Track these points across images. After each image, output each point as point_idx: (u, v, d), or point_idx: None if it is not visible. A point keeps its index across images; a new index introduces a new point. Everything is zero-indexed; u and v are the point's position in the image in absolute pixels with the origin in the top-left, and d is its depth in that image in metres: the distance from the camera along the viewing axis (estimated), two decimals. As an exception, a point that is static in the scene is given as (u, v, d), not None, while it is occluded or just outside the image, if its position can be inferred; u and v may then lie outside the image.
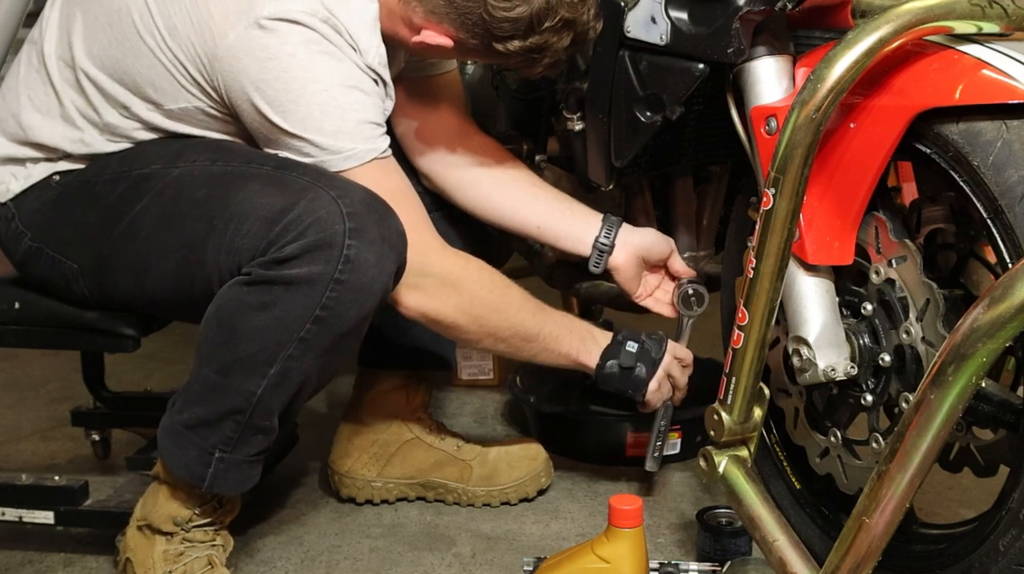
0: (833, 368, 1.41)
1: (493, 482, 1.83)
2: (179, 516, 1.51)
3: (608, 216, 1.75)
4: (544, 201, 1.76)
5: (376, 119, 1.51)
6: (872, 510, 1.17)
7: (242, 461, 1.47)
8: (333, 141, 1.47)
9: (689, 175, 1.90)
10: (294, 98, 1.45)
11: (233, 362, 1.42)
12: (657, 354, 1.70)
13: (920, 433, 1.12)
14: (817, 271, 1.42)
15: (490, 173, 1.76)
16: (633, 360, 1.67)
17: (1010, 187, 1.24)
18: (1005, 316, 1.04)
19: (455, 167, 1.77)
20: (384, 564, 1.68)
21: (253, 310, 1.39)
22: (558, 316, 1.66)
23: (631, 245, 1.73)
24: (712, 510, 1.64)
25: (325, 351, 1.42)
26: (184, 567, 1.50)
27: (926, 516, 1.54)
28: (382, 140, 1.52)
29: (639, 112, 1.60)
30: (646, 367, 1.68)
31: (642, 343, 1.69)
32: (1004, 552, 1.28)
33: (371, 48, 1.51)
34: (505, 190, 1.76)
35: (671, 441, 1.99)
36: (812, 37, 1.46)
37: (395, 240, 1.43)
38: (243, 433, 1.45)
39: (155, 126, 1.54)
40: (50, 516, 1.65)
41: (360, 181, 1.46)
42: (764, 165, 1.36)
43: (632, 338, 1.69)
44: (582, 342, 1.66)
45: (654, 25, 1.54)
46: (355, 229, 1.38)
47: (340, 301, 1.39)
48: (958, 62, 1.27)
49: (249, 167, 1.47)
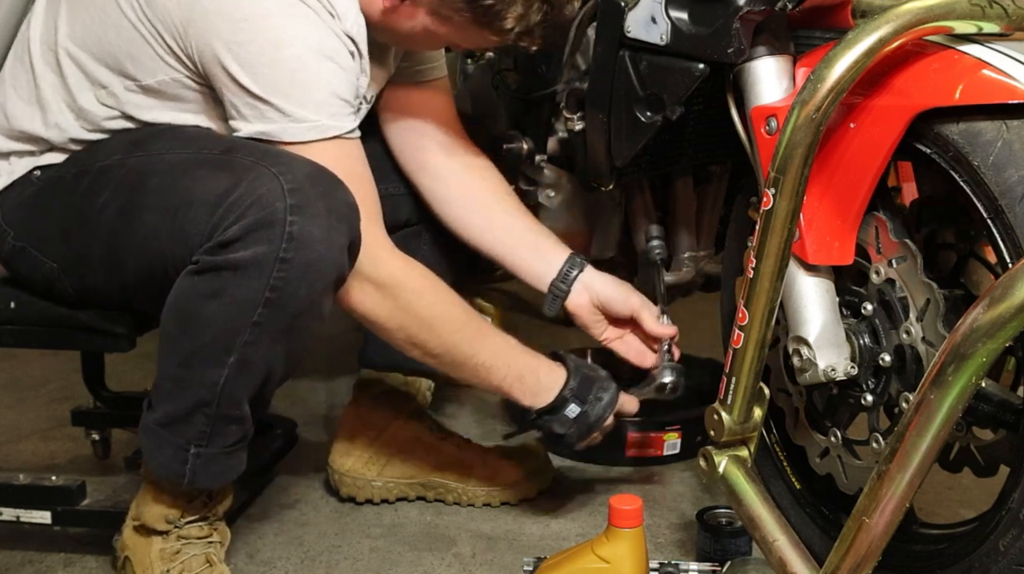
0: (833, 368, 1.41)
1: (494, 482, 1.83)
2: (170, 514, 1.50)
3: (574, 256, 1.72)
4: (513, 231, 1.73)
5: (347, 95, 1.48)
6: (872, 510, 1.17)
7: (219, 453, 1.46)
8: (298, 109, 1.44)
9: (689, 175, 1.90)
10: (266, 61, 1.42)
11: (192, 354, 1.40)
12: (596, 417, 1.63)
13: (920, 433, 1.12)
14: (817, 271, 1.42)
15: (466, 192, 1.75)
16: (567, 428, 1.62)
17: (1010, 187, 1.24)
18: (1005, 316, 1.04)
19: (434, 180, 1.75)
20: (384, 564, 1.67)
21: (204, 299, 1.37)
22: (501, 347, 1.61)
23: (590, 291, 1.70)
24: (712, 510, 1.64)
25: (283, 334, 1.39)
26: (181, 565, 1.50)
27: (926, 516, 1.54)
28: (349, 120, 1.49)
29: (639, 112, 1.60)
30: (578, 433, 1.64)
31: (584, 409, 1.62)
32: (1004, 552, 1.28)
33: (349, 14, 1.48)
34: (477, 212, 1.74)
35: (670, 441, 1.99)
36: (812, 37, 1.46)
37: (343, 212, 1.39)
38: (215, 425, 1.43)
39: (129, 113, 1.52)
40: (47, 516, 1.65)
41: (318, 158, 1.43)
42: (764, 165, 1.36)
43: (578, 397, 1.62)
44: (519, 380, 1.61)
45: (654, 25, 1.54)
46: (297, 205, 1.35)
47: (288, 280, 1.36)
48: (958, 62, 1.27)
49: (200, 152, 1.44)
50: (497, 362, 1.59)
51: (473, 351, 1.57)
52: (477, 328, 1.58)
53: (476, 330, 1.58)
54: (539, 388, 1.61)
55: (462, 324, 1.56)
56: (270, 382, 1.45)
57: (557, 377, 1.62)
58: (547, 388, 1.61)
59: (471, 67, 2.24)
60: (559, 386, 1.61)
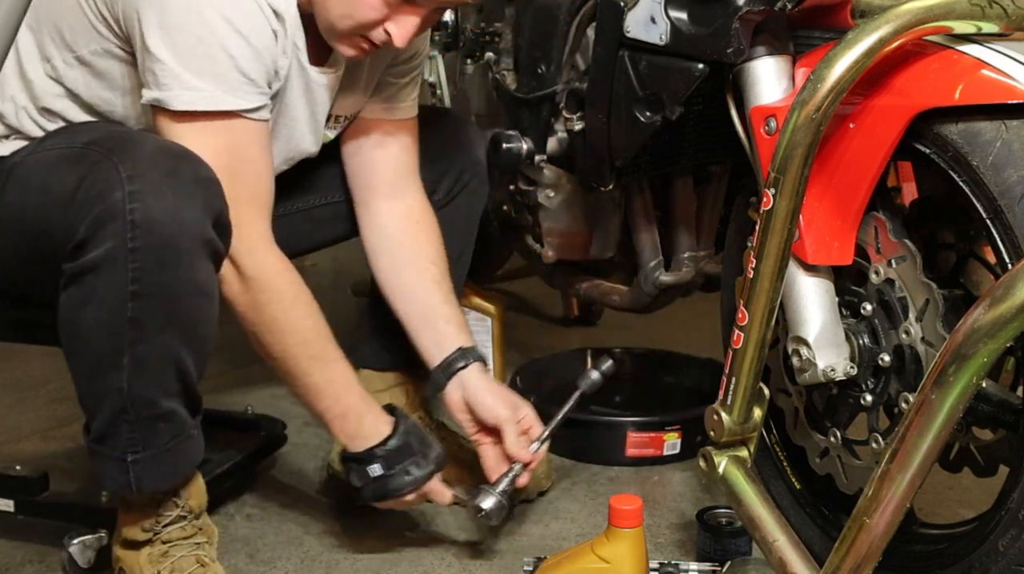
0: (833, 368, 1.41)
1: None
2: (145, 523, 1.50)
3: (466, 351, 1.70)
4: (421, 305, 1.72)
5: (253, 74, 1.45)
6: (873, 510, 1.17)
7: (157, 454, 1.43)
8: (194, 77, 1.41)
9: (689, 175, 1.91)
10: (176, 25, 1.40)
11: (90, 366, 1.39)
12: (395, 487, 1.60)
13: (921, 433, 1.12)
14: (817, 271, 1.42)
15: (395, 248, 1.74)
16: (364, 482, 1.61)
17: (1009, 187, 1.24)
18: (1006, 316, 1.04)
19: (372, 223, 1.75)
20: (384, 564, 1.67)
21: (79, 308, 1.36)
22: (337, 379, 1.57)
23: (464, 389, 1.68)
24: (712, 510, 1.64)
25: (167, 322, 1.36)
26: (171, 565, 1.49)
27: (926, 516, 1.54)
28: (251, 98, 1.46)
29: (639, 112, 1.60)
30: (373, 493, 1.62)
31: (387, 474, 1.59)
32: (1004, 552, 1.28)
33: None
34: (397, 273, 1.74)
35: (670, 441, 1.99)
36: (812, 37, 1.46)
37: (192, 188, 1.35)
38: (140, 429, 1.41)
39: (69, 87, 1.52)
40: (10, 504, 1.66)
41: (207, 131, 1.42)
42: (764, 165, 1.36)
43: (387, 460, 1.59)
44: (341, 417, 1.58)
45: (654, 25, 1.54)
46: (135, 191, 1.31)
47: (146, 269, 1.32)
48: (958, 62, 1.27)
49: (71, 149, 1.42)
50: (326, 391, 1.57)
51: (308, 371, 1.55)
52: (322, 351, 1.55)
53: (319, 352, 1.55)
54: (356, 434, 1.59)
55: (308, 341, 1.54)
56: (184, 372, 1.41)
57: (377, 432, 1.59)
58: (363, 437, 1.59)
59: (470, 67, 2.24)
60: (374, 442, 1.59)
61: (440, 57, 2.46)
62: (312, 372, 1.55)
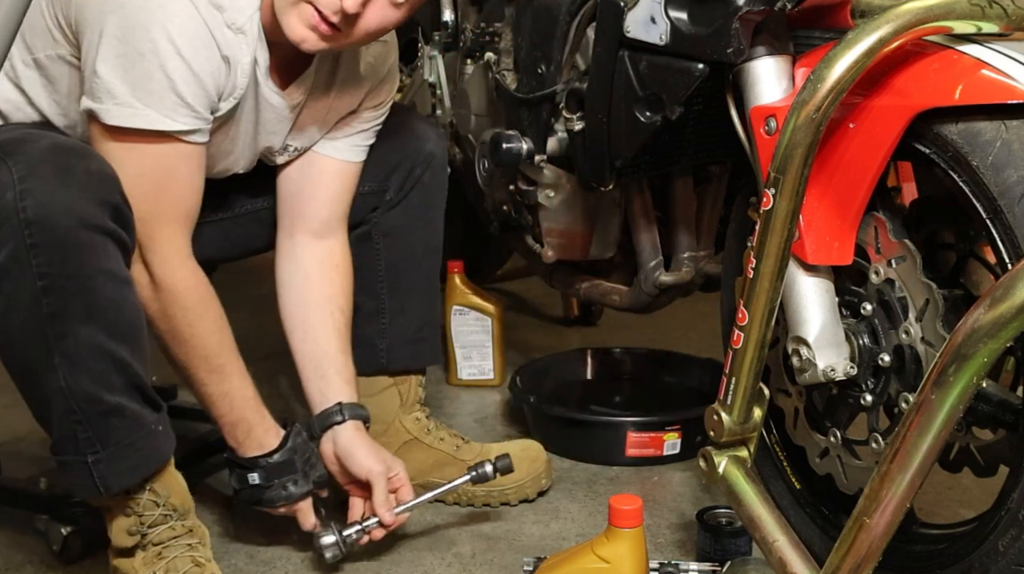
0: (833, 368, 1.41)
1: (493, 483, 1.83)
2: (129, 526, 1.50)
3: (346, 406, 1.70)
4: (316, 350, 1.73)
5: (191, 99, 1.46)
6: (872, 510, 1.17)
7: (117, 451, 1.44)
8: (128, 94, 1.42)
9: (689, 175, 1.91)
10: (121, 39, 1.41)
11: (26, 372, 1.40)
12: (268, 498, 1.63)
13: (921, 433, 1.12)
14: (817, 271, 1.42)
15: (306, 288, 1.74)
16: (241, 487, 1.63)
17: (1009, 187, 1.24)
18: (1006, 316, 1.04)
19: (291, 254, 1.76)
20: (384, 564, 1.68)
21: (2, 316, 1.36)
22: (232, 392, 1.59)
23: (336, 443, 1.69)
24: (712, 510, 1.64)
25: (87, 314, 1.36)
26: (166, 566, 1.50)
27: (926, 516, 1.54)
28: (181, 122, 1.46)
29: (639, 112, 1.60)
30: (247, 498, 1.64)
31: (263, 485, 1.61)
32: (1004, 552, 1.28)
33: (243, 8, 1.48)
34: (300, 314, 1.74)
35: (670, 441, 1.99)
36: (812, 37, 1.46)
37: (85, 181, 1.35)
38: (92, 428, 1.41)
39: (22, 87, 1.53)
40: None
41: (136, 149, 1.43)
42: (764, 165, 1.36)
43: (267, 471, 1.61)
44: (232, 426, 1.60)
45: (654, 25, 1.54)
46: (27, 190, 1.32)
47: (51, 263, 1.33)
48: (958, 62, 1.27)
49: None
50: (221, 402, 1.59)
51: (206, 382, 1.57)
52: (221, 366, 1.57)
53: (219, 367, 1.57)
54: (243, 442, 1.61)
55: (209, 356, 1.56)
56: (123, 364, 1.41)
57: (264, 444, 1.61)
58: (249, 446, 1.61)
59: (470, 67, 2.24)
60: (259, 453, 1.61)
61: (440, 57, 2.46)
62: (209, 383, 1.57)
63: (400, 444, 1.86)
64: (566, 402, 2.22)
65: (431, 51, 2.49)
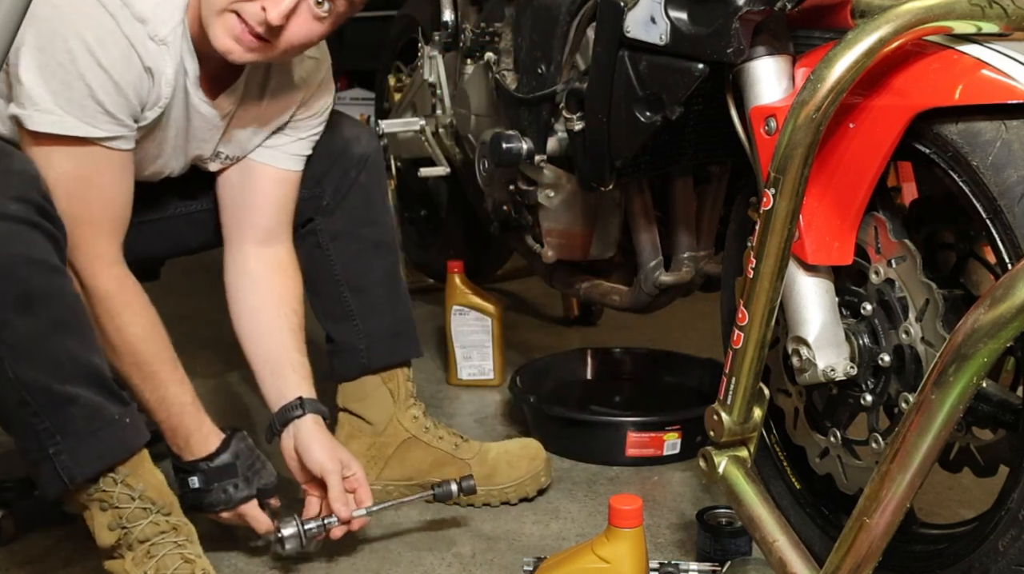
0: (833, 368, 1.41)
1: (493, 481, 1.83)
2: (110, 521, 1.50)
3: (305, 401, 1.70)
4: (275, 349, 1.73)
5: (112, 107, 1.48)
6: (873, 510, 1.17)
7: (78, 440, 1.45)
8: (49, 100, 1.45)
9: (689, 175, 1.91)
10: (42, 46, 1.43)
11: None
12: (209, 502, 1.62)
13: (921, 433, 1.12)
14: (817, 271, 1.42)
15: (255, 293, 1.75)
16: (182, 491, 1.62)
17: (1009, 187, 1.24)
18: (1006, 316, 1.05)
19: (238, 263, 1.76)
20: (384, 564, 1.68)
21: None
22: (169, 397, 1.59)
23: (296, 438, 1.69)
24: (712, 510, 1.64)
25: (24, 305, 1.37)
26: (156, 565, 1.49)
27: (926, 516, 1.54)
28: (103, 129, 1.48)
29: (639, 112, 1.60)
30: (189, 503, 1.62)
31: (204, 489, 1.62)
32: (1004, 552, 1.28)
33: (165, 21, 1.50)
34: (252, 318, 1.75)
35: (670, 441, 1.99)
36: (812, 37, 1.46)
37: (6, 179, 1.37)
38: (49, 417, 1.42)
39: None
40: None
41: (56, 156, 1.46)
42: (764, 165, 1.36)
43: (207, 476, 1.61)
44: (172, 431, 1.61)
45: (654, 25, 1.54)
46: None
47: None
48: (958, 62, 1.27)
49: None
50: (159, 407, 1.59)
51: (142, 389, 1.58)
52: (154, 374, 1.58)
53: (152, 374, 1.58)
54: (184, 448, 1.62)
55: (140, 363, 1.57)
56: (71, 355, 1.42)
57: (203, 448, 1.62)
58: (189, 451, 1.62)
59: (470, 67, 2.24)
60: (198, 457, 1.62)
61: (440, 57, 2.46)
62: (144, 390, 1.58)
63: (399, 443, 1.86)
64: (566, 402, 2.22)
65: (431, 51, 2.49)
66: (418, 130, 2.58)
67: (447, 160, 2.49)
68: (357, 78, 4.35)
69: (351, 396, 1.88)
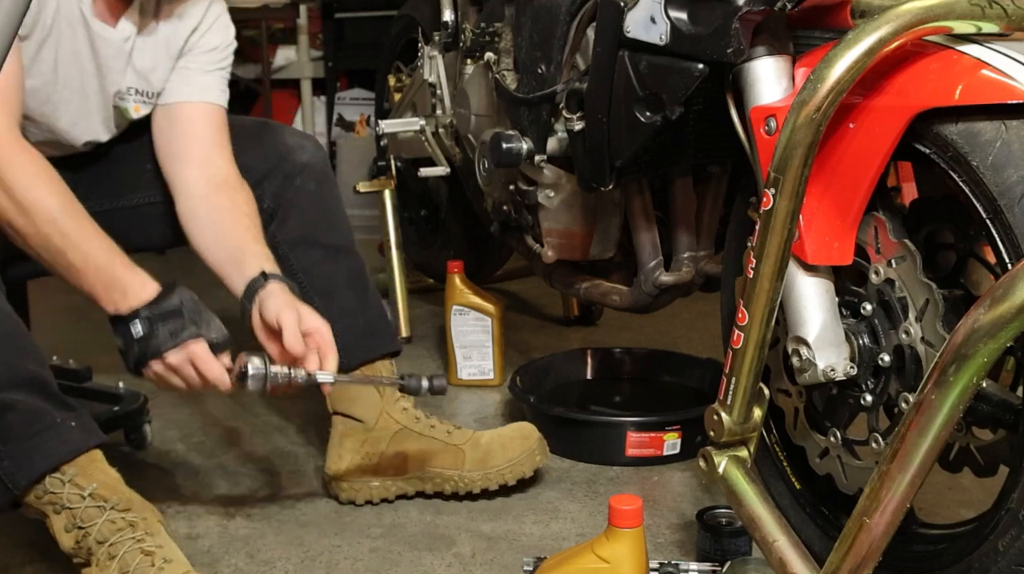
0: (832, 368, 1.41)
1: (488, 464, 1.82)
2: (66, 523, 1.50)
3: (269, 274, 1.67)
4: (234, 244, 1.72)
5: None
6: (873, 510, 1.17)
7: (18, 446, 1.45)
8: None
9: (689, 175, 1.91)
10: None
11: None
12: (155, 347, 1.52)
13: (921, 433, 1.12)
14: (817, 271, 1.42)
15: (210, 205, 1.75)
16: (126, 344, 1.55)
17: (1009, 187, 1.24)
18: (1006, 316, 1.04)
19: (184, 191, 1.77)
20: (384, 564, 1.68)
21: None
22: (94, 252, 1.54)
23: (260, 303, 1.64)
24: (712, 510, 1.64)
25: None
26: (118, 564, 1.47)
27: (926, 516, 1.54)
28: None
29: (639, 112, 1.60)
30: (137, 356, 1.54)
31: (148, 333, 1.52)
32: (1004, 552, 1.28)
33: None
34: (211, 225, 1.75)
35: (670, 441, 1.99)
36: (812, 37, 1.46)
37: None
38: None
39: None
40: None
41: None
42: (764, 165, 1.36)
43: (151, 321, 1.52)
44: (108, 288, 1.54)
45: (654, 25, 1.54)
46: None
47: None
48: (957, 62, 1.27)
49: None
50: (86, 267, 1.54)
51: (63, 249, 1.54)
52: (72, 229, 1.54)
53: (71, 230, 1.54)
54: (122, 299, 1.54)
55: (55, 219, 1.53)
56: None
57: (142, 293, 1.55)
58: (128, 300, 1.54)
59: (470, 67, 2.24)
60: (138, 303, 1.54)
61: (440, 57, 2.46)
62: (67, 250, 1.54)
63: (391, 435, 1.85)
64: (566, 402, 2.22)
65: (431, 51, 2.49)
66: (418, 130, 2.58)
67: (447, 160, 2.49)
68: (357, 78, 4.35)
69: (338, 399, 1.88)
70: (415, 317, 2.73)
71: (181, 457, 2.06)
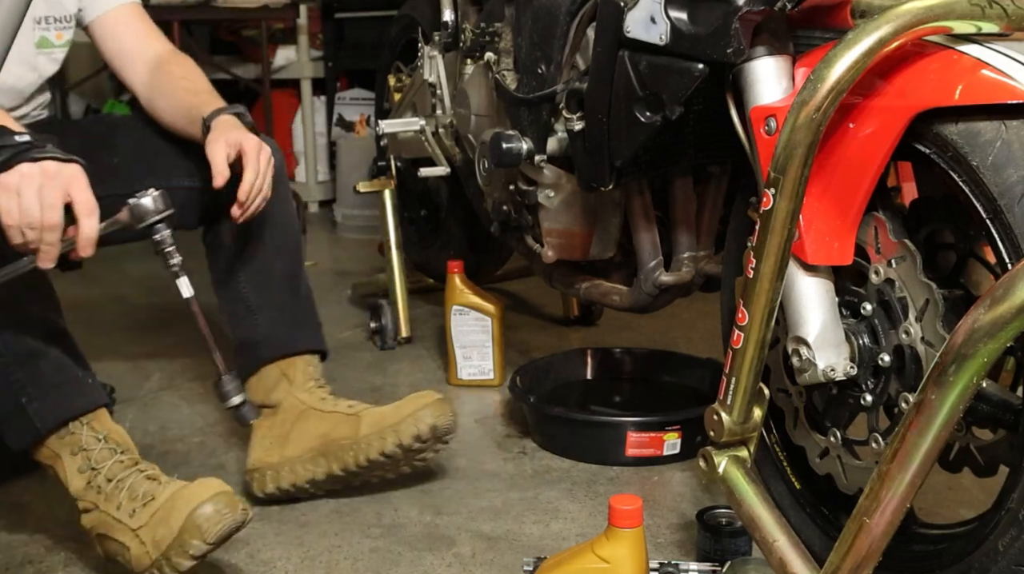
0: (833, 368, 1.41)
1: (382, 425, 1.78)
2: (80, 464, 1.58)
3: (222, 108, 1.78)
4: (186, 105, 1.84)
5: None
6: (873, 510, 1.17)
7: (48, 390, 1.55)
8: None
9: (689, 175, 1.91)
10: None
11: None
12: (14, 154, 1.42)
13: (921, 433, 1.12)
14: (817, 271, 1.42)
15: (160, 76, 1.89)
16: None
17: (1009, 187, 1.24)
18: (1006, 316, 1.04)
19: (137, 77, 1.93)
20: (384, 564, 1.68)
21: None
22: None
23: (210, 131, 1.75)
24: (712, 510, 1.64)
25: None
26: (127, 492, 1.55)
27: (926, 516, 1.54)
28: None
29: (639, 112, 1.60)
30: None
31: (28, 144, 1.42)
32: (1003, 552, 1.28)
33: None
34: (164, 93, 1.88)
35: (670, 441, 1.99)
36: (812, 37, 1.46)
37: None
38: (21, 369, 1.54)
39: None
40: None
41: None
42: (764, 165, 1.36)
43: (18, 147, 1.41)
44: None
45: (654, 25, 1.54)
46: None
47: None
48: (957, 62, 1.27)
49: None
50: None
51: None
52: None
53: None
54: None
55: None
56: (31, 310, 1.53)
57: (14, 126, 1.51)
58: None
59: (470, 67, 2.24)
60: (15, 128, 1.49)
61: (440, 57, 2.46)
62: None
63: (295, 417, 1.85)
64: (566, 402, 2.22)
65: (431, 51, 2.49)
66: (418, 130, 2.58)
67: (447, 160, 2.49)
68: (357, 78, 4.36)
69: (257, 390, 1.89)
70: (415, 317, 2.74)
71: (181, 457, 2.06)
